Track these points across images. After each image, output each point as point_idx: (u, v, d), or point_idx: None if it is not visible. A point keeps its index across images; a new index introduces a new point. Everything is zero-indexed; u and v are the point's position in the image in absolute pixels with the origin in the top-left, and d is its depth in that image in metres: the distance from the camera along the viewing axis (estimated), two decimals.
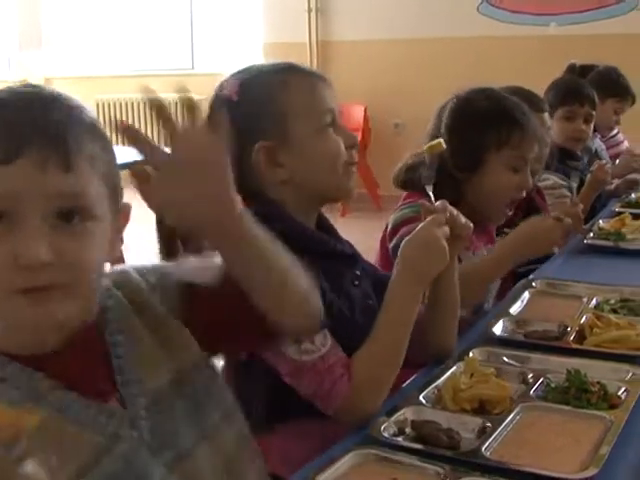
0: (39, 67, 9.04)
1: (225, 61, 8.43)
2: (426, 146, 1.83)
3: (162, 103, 0.97)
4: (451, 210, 1.64)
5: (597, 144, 4.18)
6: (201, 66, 8.81)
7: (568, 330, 1.85)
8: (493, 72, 5.94)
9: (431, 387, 1.55)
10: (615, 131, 4.54)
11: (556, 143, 3.37)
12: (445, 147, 1.81)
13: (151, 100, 0.97)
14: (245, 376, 1.59)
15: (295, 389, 1.49)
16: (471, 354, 1.71)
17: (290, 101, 1.58)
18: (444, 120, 2.18)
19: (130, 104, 8.88)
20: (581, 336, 1.82)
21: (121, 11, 9.16)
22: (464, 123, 2.16)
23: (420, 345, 1.65)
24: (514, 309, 2.04)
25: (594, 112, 3.57)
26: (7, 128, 1.00)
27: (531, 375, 1.60)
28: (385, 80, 7.62)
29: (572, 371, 1.55)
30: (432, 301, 1.70)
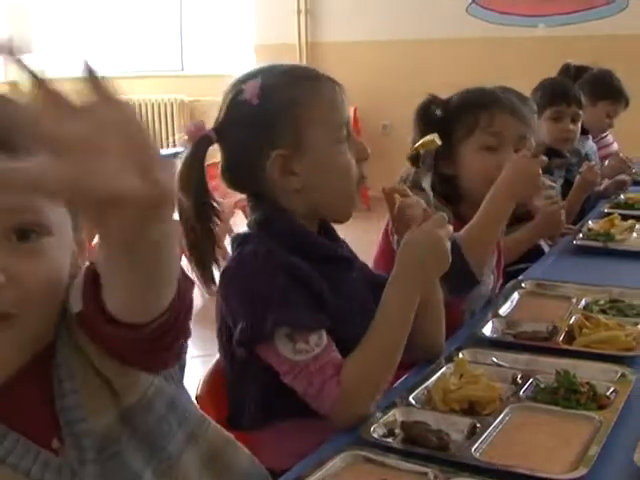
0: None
1: (215, 63, 8.43)
2: (419, 143, 1.82)
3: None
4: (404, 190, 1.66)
5: (589, 146, 4.19)
6: (191, 68, 8.80)
7: (557, 331, 1.85)
8: (482, 73, 5.92)
9: (421, 388, 1.55)
10: (606, 133, 4.55)
11: (546, 143, 3.38)
12: (440, 143, 1.81)
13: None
14: (240, 374, 1.59)
15: (293, 389, 1.48)
16: (461, 355, 1.71)
17: (311, 111, 1.57)
18: (416, 123, 2.20)
19: None
20: (570, 337, 1.82)
21: (110, 12, 9.14)
22: (430, 127, 2.17)
23: (409, 346, 1.65)
24: (503, 310, 2.05)
25: (581, 112, 3.58)
26: None
27: (520, 376, 1.60)
28: (374, 81, 7.63)
29: (561, 372, 1.55)
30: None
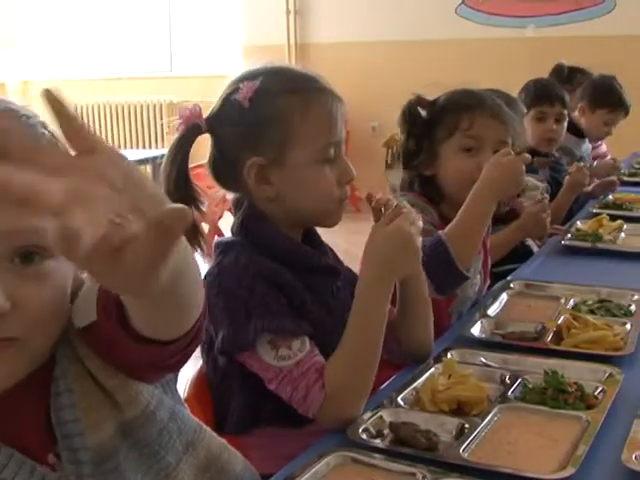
0: (16, 71, 8.99)
1: (203, 64, 8.42)
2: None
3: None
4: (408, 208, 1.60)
5: (584, 149, 4.23)
6: (179, 69, 8.79)
7: (546, 331, 1.86)
8: (471, 74, 5.93)
9: (409, 389, 1.55)
10: (603, 149, 4.57)
11: (529, 145, 3.39)
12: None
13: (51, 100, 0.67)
14: (223, 381, 1.59)
15: (278, 395, 1.48)
16: (449, 355, 1.71)
17: (301, 128, 1.53)
18: (401, 124, 2.20)
19: (108, 108, 8.86)
20: (559, 337, 1.83)
21: (99, 14, 9.12)
22: (414, 128, 2.18)
23: (397, 347, 1.65)
24: (492, 310, 2.05)
25: (566, 111, 3.59)
26: None
27: (509, 376, 1.60)
28: (363, 83, 7.63)
29: (549, 372, 1.56)
30: (403, 304, 1.68)
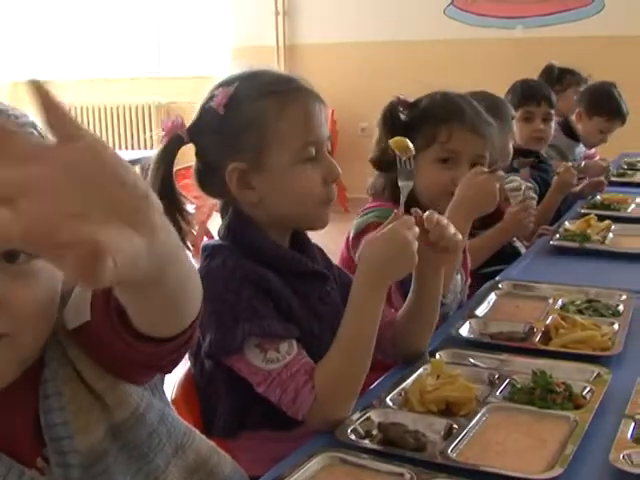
0: (5, 72, 8.96)
1: (192, 65, 8.41)
2: (391, 140, 1.78)
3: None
4: (440, 220, 1.59)
5: (577, 152, 4.26)
6: (168, 70, 8.77)
7: (534, 331, 1.86)
8: (460, 75, 5.95)
9: (398, 389, 1.55)
10: (592, 151, 4.59)
11: (518, 144, 3.40)
12: (413, 152, 1.77)
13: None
14: (210, 385, 1.58)
15: (267, 399, 1.48)
16: (437, 356, 1.72)
17: (277, 129, 1.53)
18: (380, 126, 2.18)
19: (97, 109, 8.83)
20: (547, 337, 1.83)
21: (88, 15, 9.10)
22: (394, 131, 2.15)
23: (392, 347, 1.65)
24: (480, 310, 2.05)
25: (552, 111, 3.61)
26: None
27: (497, 376, 1.61)
28: (352, 83, 7.63)
29: (537, 372, 1.56)
30: (412, 307, 1.69)
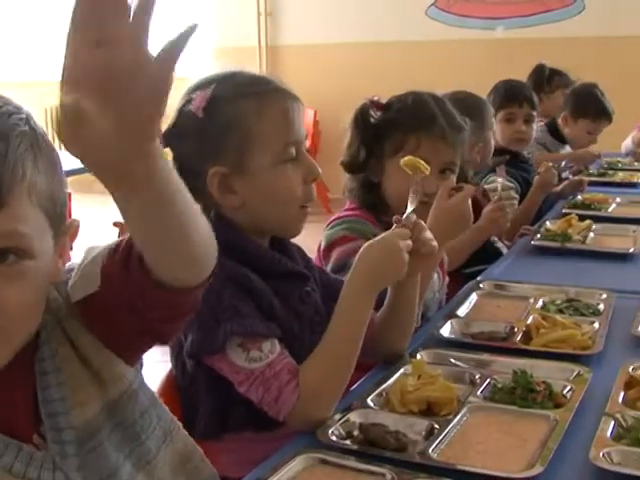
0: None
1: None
2: (406, 159, 1.75)
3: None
4: (419, 224, 1.63)
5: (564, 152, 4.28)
6: None
7: (515, 331, 1.87)
8: (441, 75, 5.97)
9: (379, 390, 1.55)
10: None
11: (500, 145, 3.42)
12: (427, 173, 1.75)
13: None
14: (191, 386, 1.58)
15: (248, 398, 1.47)
16: (418, 356, 1.72)
17: (258, 131, 1.52)
18: (352, 129, 2.17)
19: None
20: (528, 337, 1.84)
21: (69, 15, 9.06)
22: (365, 134, 2.15)
23: (372, 348, 1.65)
24: (461, 310, 2.06)
25: (534, 112, 3.63)
26: None
27: (478, 376, 1.61)
28: (335, 84, 7.65)
29: (518, 371, 1.56)
30: (392, 308, 1.70)
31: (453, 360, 1.72)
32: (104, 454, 1.08)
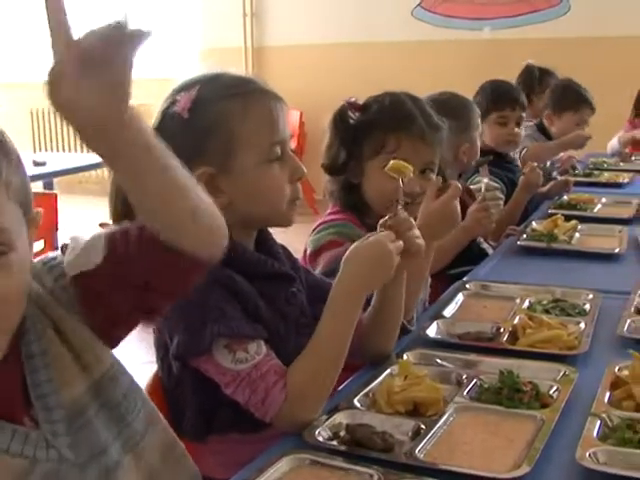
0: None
1: (160, 66, 8.37)
2: (390, 164, 1.74)
3: None
4: (407, 221, 1.63)
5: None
6: (135, 71, 8.70)
7: (501, 331, 1.87)
8: (428, 76, 5.99)
9: (365, 390, 1.55)
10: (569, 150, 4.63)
11: (489, 147, 3.42)
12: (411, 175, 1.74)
13: None
14: (177, 387, 1.58)
15: (234, 400, 1.47)
16: (405, 356, 1.72)
17: (243, 131, 1.53)
18: (331, 129, 2.16)
19: None
20: (514, 337, 1.84)
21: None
22: (344, 135, 2.14)
23: (359, 348, 1.65)
24: (448, 311, 2.06)
25: (524, 114, 3.63)
26: None
27: (465, 376, 1.61)
28: (321, 85, 7.63)
29: (505, 372, 1.56)
30: (376, 314, 1.71)
31: (439, 360, 1.72)
32: (94, 431, 1.13)
